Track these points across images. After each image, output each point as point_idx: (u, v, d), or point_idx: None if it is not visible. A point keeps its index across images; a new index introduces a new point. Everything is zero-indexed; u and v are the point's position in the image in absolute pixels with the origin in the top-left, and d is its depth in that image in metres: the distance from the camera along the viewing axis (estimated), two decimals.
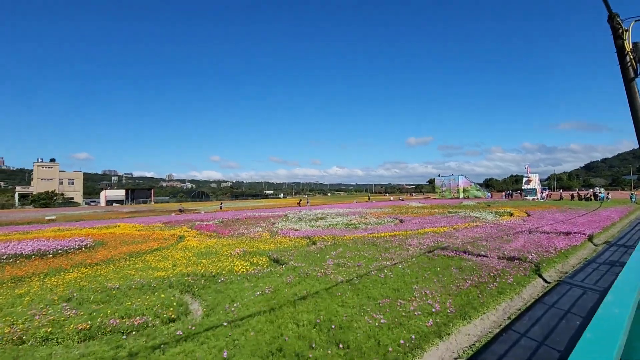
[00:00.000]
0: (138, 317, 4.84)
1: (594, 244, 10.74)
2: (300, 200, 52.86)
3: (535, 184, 42.93)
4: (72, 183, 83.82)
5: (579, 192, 51.32)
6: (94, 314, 5.00)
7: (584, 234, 11.36)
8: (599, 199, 36.81)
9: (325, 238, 12.18)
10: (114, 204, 75.05)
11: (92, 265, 8.39)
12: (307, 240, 11.88)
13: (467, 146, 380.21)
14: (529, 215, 19.58)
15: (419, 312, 4.71)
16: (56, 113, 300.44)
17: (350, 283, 6.37)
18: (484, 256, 8.21)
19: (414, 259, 8.19)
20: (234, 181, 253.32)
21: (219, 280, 6.73)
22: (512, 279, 6.26)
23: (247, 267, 7.81)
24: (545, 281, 6.93)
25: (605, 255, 9.27)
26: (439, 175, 65.05)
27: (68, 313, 5.01)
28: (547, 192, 49.58)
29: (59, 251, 9.85)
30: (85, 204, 79.36)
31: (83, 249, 10.60)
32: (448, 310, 4.78)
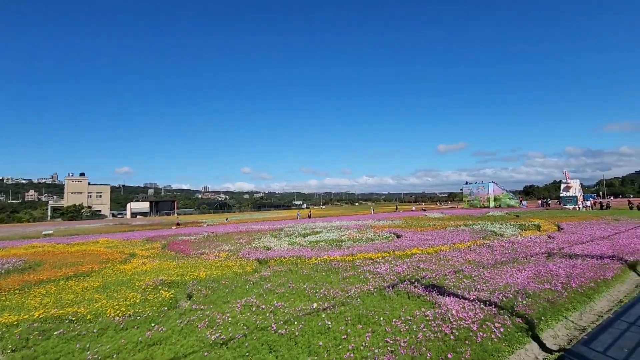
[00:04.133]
0: None
1: (639, 275, 7.73)
2: (310, 212, 51.72)
3: (575, 190, 37.85)
4: (100, 196, 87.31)
5: (630, 199, 45.11)
6: None
7: (621, 258, 8.33)
8: None
9: (285, 261, 10.05)
10: (138, 216, 76.88)
11: None
12: (258, 264, 9.81)
13: (501, 152, 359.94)
14: (559, 230, 16.20)
15: None
16: (101, 130, 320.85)
17: (225, 347, 4.22)
18: (459, 297, 5.69)
19: (358, 299, 5.84)
20: (266, 192, 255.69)
21: (56, 333, 4.80)
22: (470, 352, 3.76)
23: (131, 309, 5.87)
24: (544, 348, 4.34)
25: None
26: (466, 183, 60.27)
27: None
28: (592, 199, 43.70)
29: None
30: (112, 216, 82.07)
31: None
32: None
